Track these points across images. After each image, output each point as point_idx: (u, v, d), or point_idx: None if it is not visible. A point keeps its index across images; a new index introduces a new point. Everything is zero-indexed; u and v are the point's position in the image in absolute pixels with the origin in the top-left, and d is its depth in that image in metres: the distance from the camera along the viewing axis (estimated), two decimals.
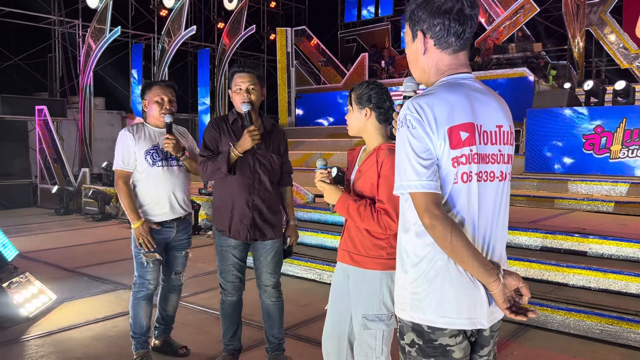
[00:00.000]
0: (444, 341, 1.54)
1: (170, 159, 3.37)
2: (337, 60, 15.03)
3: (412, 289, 1.57)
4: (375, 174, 2.29)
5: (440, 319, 1.53)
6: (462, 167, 1.50)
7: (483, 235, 1.57)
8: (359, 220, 2.27)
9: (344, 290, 2.48)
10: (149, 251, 3.26)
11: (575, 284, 4.35)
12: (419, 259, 1.56)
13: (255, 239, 3.16)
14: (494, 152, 1.57)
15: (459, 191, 1.52)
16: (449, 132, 1.49)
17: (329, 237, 5.88)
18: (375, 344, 2.32)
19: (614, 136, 7.14)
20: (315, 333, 3.85)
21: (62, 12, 13.59)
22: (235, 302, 3.26)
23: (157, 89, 3.37)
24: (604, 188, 6.73)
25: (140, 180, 3.34)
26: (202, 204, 8.29)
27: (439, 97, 1.51)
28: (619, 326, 3.79)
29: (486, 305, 1.55)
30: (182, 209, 3.42)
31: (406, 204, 1.59)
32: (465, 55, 1.62)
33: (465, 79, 1.59)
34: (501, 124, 1.60)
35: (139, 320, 3.37)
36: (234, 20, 14.00)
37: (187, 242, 3.54)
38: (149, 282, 3.35)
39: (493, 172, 1.57)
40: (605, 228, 5.01)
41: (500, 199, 1.61)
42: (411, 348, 1.59)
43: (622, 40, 12.75)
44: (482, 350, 1.64)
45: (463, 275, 1.53)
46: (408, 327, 1.59)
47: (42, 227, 8.92)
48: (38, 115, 11.40)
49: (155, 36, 14.70)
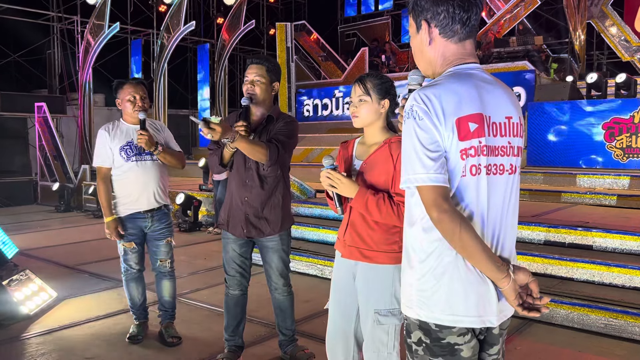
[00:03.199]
0: (452, 340, 1.50)
1: (144, 153, 3.57)
2: (337, 55, 14.97)
3: (419, 285, 1.53)
4: (390, 167, 2.26)
5: (448, 317, 1.49)
6: (470, 159, 1.46)
7: (492, 230, 1.52)
8: (377, 213, 2.23)
9: (349, 288, 2.44)
10: (126, 240, 3.62)
11: (579, 278, 4.32)
12: (426, 255, 1.52)
13: (251, 236, 3.13)
14: (503, 144, 1.53)
15: (467, 184, 1.48)
16: (457, 123, 1.44)
17: (330, 233, 5.85)
18: (388, 339, 2.30)
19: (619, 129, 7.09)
20: (319, 329, 3.82)
21: (60, 9, 13.53)
22: (238, 297, 3.24)
23: (128, 87, 3.56)
24: (606, 181, 6.70)
25: (116, 175, 3.60)
26: (202, 200, 8.26)
27: (446, 87, 1.47)
28: (623, 320, 3.76)
29: (495, 303, 1.51)
30: (156, 201, 3.63)
31: (412, 199, 1.55)
32: (471, 44, 1.58)
33: (473, 69, 1.54)
34: (510, 115, 1.55)
35: (132, 297, 3.79)
36: (234, 15, 13.93)
37: (167, 231, 3.72)
38: (131, 267, 3.71)
39: (503, 164, 1.53)
40: (608, 221, 4.97)
41: (510, 193, 1.56)
42: (418, 347, 1.55)
43: (624, 33, 12.65)
44: (491, 348, 1.60)
45: (472, 272, 1.49)
46: (415, 325, 1.55)
47: (43, 225, 8.90)
48: (37, 112, 11.35)
49: (154, 32, 14.65)
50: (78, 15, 13.35)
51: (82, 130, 12.14)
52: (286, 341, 3.36)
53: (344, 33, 17.50)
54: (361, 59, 13.26)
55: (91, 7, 12.11)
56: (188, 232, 7.86)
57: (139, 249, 3.70)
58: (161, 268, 3.73)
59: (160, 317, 3.83)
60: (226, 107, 14.65)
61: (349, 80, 12.66)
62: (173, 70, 14.88)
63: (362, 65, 13.22)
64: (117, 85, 3.62)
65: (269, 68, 3.02)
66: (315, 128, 12.04)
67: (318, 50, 15.07)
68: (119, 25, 11.81)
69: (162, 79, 12.67)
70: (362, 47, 13.92)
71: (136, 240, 3.66)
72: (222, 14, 15.71)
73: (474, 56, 1.58)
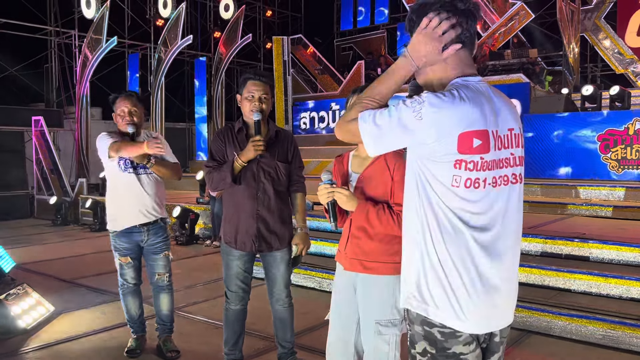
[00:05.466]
0: (458, 349, 1.51)
1: (138, 167, 3.55)
2: (334, 68, 15.06)
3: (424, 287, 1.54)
4: (388, 178, 2.29)
5: (454, 321, 1.51)
6: (467, 172, 1.48)
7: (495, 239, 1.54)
8: (378, 224, 2.25)
9: (350, 299, 2.45)
10: (122, 255, 3.63)
11: (576, 289, 4.33)
12: (436, 259, 1.53)
13: (261, 250, 3.14)
14: (506, 156, 1.55)
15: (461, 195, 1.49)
16: (459, 137, 1.45)
17: (328, 245, 5.86)
18: (389, 349, 2.31)
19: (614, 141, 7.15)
20: (317, 341, 3.82)
21: (58, 23, 13.59)
22: (238, 311, 3.23)
23: (119, 102, 3.58)
24: (602, 193, 6.74)
25: (111, 185, 3.63)
26: (200, 213, 8.25)
27: (454, 99, 1.47)
28: (621, 331, 3.77)
29: (500, 308, 1.53)
30: (151, 215, 3.60)
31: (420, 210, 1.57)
32: (468, 55, 1.60)
33: (476, 82, 1.56)
34: (512, 127, 1.58)
35: (129, 310, 3.76)
36: (230, 30, 14.02)
37: (164, 245, 3.70)
38: (127, 281, 3.70)
39: (507, 175, 1.55)
40: (605, 233, 5.00)
41: (516, 201, 1.59)
42: (423, 357, 1.56)
43: (617, 46, 12.79)
44: (492, 356, 1.62)
45: (478, 276, 1.51)
46: (420, 335, 1.56)
47: (39, 238, 8.87)
48: (35, 125, 11.37)
49: (151, 46, 14.72)
50: (76, 30, 13.41)
51: (80, 144, 12.14)
52: (285, 354, 3.35)
53: (340, 47, 17.63)
54: (357, 72, 13.35)
55: (89, 21, 12.18)
56: (185, 245, 7.85)
57: (135, 263, 3.68)
58: (159, 282, 3.71)
59: (158, 330, 3.82)
60: (223, 120, 14.68)
61: (346, 93, 12.73)
62: (170, 84, 14.92)
63: (358, 78, 13.31)
64: (112, 100, 3.65)
65: (272, 86, 3.14)
66: (312, 141, 12.08)
67: (314, 63, 15.17)
68: (117, 39, 11.88)
69: (160, 93, 12.71)
70: (358, 61, 14.02)
71: (132, 255, 3.64)
72: (219, 28, 15.79)
73: (471, 67, 1.60)
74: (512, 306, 1.58)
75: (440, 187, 1.50)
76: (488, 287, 1.51)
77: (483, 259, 1.50)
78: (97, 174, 11.46)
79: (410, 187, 1.60)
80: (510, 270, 1.57)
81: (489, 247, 1.51)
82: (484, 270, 1.50)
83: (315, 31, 17.87)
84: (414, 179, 1.57)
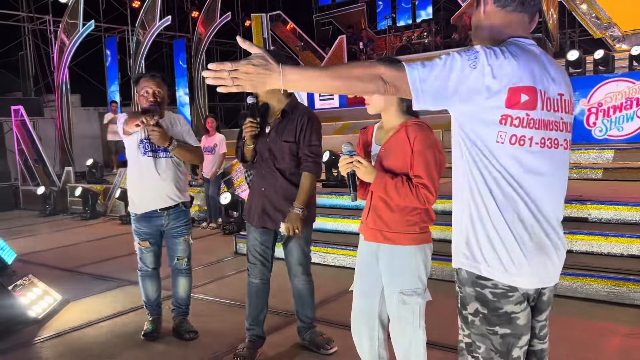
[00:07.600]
0: (509, 309, 1.55)
1: (158, 150, 3.48)
2: (315, 44, 14.94)
3: (474, 246, 1.57)
4: (408, 150, 2.30)
5: (505, 276, 1.53)
6: (512, 128, 1.49)
7: (542, 199, 1.56)
8: (396, 196, 2.28)
9: (372, 270, 2.49)
10: (142, 239, 3.62)
11: (578, 250, 4.45)
12: (485, 214, 1.55)
13: (265, 227, 3.19)
14: (556, 120, 1.57)
15: (507, 153, 1.51)
16: (509, 91, 1.46)
17: (329, 221, 5.91)
18: (413, 318, 2.36)
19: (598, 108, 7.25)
20: (325, 315, 3.88)
21: (31, 8, 13.22)
22: (259, 286, 3.28)
23: (143, 82, 3.47)
24: (591, 156, 6.86)
25: (130, 170, 3.58)
26: (194, 196, 8.21)
27: (507, 54, 1.48)
28: (625, 287, 3.90)
29: (547, 265, 1.57)
30: (170, 199, 3.54)
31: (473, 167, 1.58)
32: (525, 19, 1.62)
33: (528, 44, 1.58)
34: (562, 92, 1.60)
35: (146, 293, 3.76)
36: (209, 9, 13.80)
37: (185, 229, 3.66)
38: (146, 265, 3.69)
39: (557, 139, 1.57)
40: (598, 194, 5.12)
41: (563, 167, 1.62)
42: (475, 317, 1.59)
43: (594, 10, 12.87)
44: (540, 315, 1.66)
45: (531, 233, 1.54)
46: (471, 297, 1.59)
47: (31, 230, 8.75)
48: (15, 115, 11.11)
49: (129, 28, 14.42)
50: (50, 15, 13.07)
51: (62, 132, 11.93)
52: (304, 327, 3.41)
53: (319, 22, 17.45)
54: (339, 47, 13.25)
55: (62, 5, 11.89)
56: None
57: (154, 248, 3.66)
58: (178, 265, 3.70)
59: (173, 312, 3.84)
60: (206, 101, 14.54)
61: None
62: (150, 66, 14.65)
63: (340, 54, 13.21)
64: (135, 80, 3.57)
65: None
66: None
67: (295, 40, 15.02)
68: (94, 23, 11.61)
69: None
70: (339, 35, 13.91)
71: (151, 240, 3.62)
72: (197, 7, 15.53)
73: (525, 31, 1.62)
74: (560, 265, 1.62)
75: (484, 145, 1.51)
76: (537, 242, 1.55)
77: (532, 219, 1.54)
78: (82, 162, 11.30)
79: (455, 153, 1.62)
80: (557, 229, 1.61)
81: (537, 206, 1.55)
82: (532, 227, 1.54)
83: (294, 7, 17.65)
84: (458, 143, 1.59)
